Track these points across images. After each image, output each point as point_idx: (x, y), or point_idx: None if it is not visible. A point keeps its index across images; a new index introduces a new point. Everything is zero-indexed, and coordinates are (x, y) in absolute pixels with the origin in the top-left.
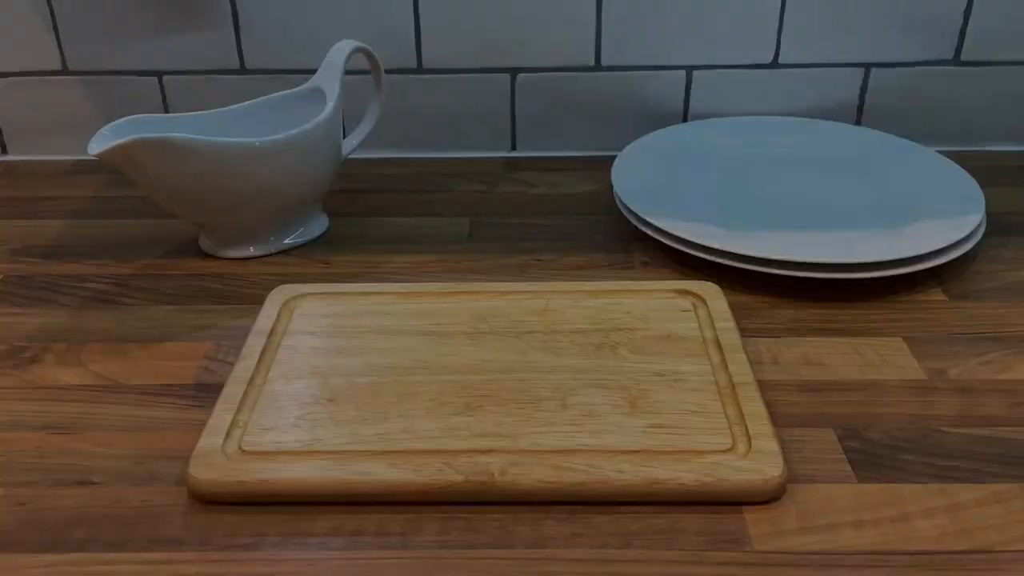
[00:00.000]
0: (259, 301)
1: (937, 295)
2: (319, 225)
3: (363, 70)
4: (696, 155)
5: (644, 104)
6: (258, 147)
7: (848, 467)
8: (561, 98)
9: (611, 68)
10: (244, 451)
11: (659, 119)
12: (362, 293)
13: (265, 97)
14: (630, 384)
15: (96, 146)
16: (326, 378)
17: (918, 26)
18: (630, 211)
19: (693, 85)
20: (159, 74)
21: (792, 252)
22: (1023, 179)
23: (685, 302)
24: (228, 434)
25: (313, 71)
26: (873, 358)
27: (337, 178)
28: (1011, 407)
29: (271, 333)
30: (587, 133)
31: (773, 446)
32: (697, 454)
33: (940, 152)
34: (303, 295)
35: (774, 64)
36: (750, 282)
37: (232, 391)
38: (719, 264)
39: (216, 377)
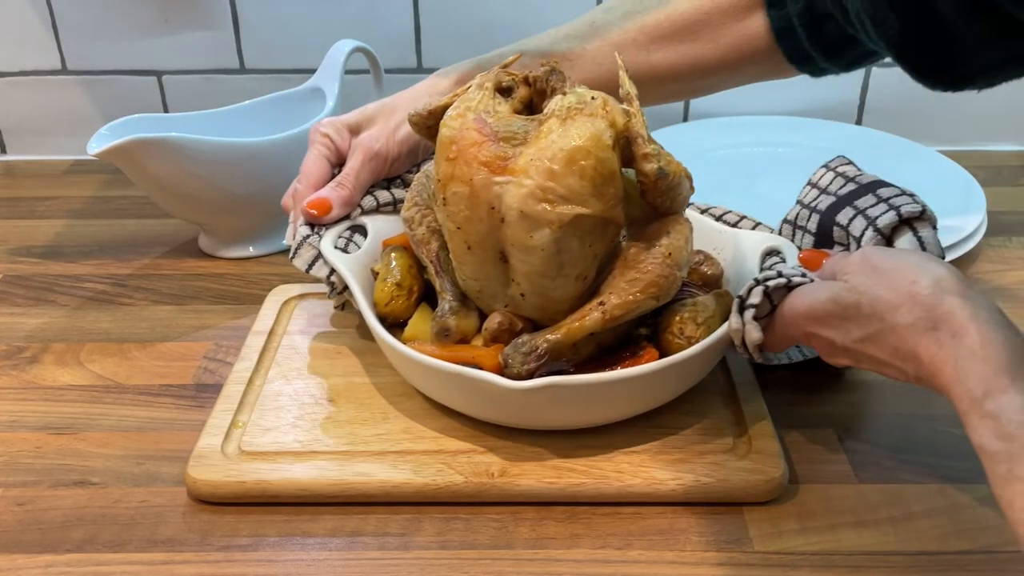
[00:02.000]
0: (258, 301)
1: None
2: None
3: (363, 70)
4: (696, 155)
5: (644, 104)
6: (257, 147)
7: (848, 467)
8: None
9: None
10: (244, 451)
11: (659, 119)
12: None
13: (265, 97)
14: None
15: (95, 146)
16: (326, 378)
17: None
18: None
19: None
20: (159, 74)
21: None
22: (1023, 179)
23: None
24: (227, 434)
25: (313, 71)
26: None
27: None
28: None
29: (270, 333)
30: None
31: (773, 446)
32: (697, 454)
33: (940, 152)
34: (302, 295)
35: None
36: None
37: (231, 391)
38: None
39: (215, 377)
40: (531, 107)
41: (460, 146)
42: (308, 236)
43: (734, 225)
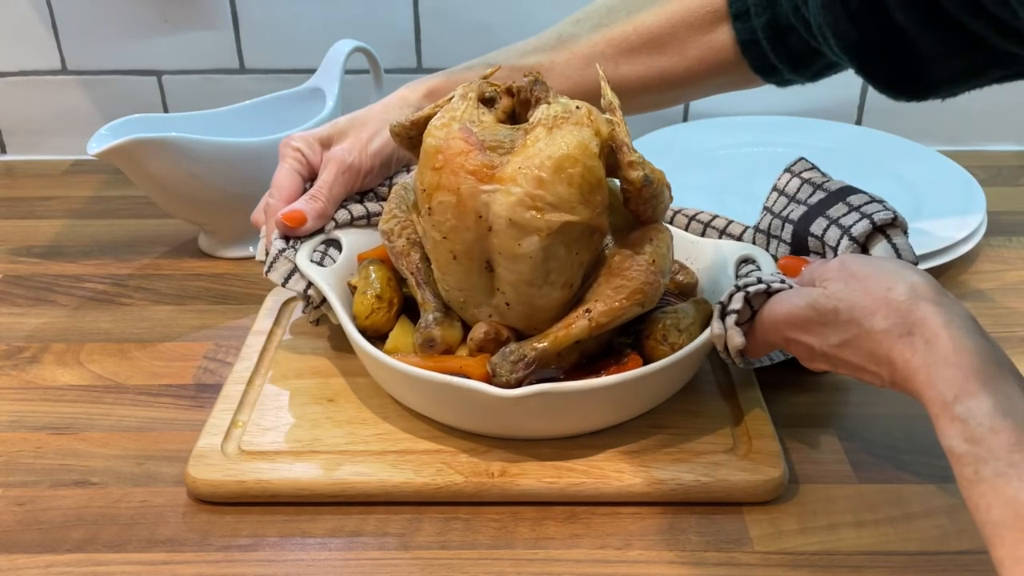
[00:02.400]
0: (258, 301)
1: None
2: None
3: (363, 70)
4: (696, 155)
5: None
6: (257, 147)
7: (848, 467)
8: None
9: None
10: (243, 451)
11: (659, 119)
12: None
13: (265, 97)
14: None
15: (95, 146)
16: (326, 378)
17: None
18: None
19: None
20: (159, 74)
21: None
22: (1023, 179)
23: None
24: (227, 434)
25: (313, 71)
26: None
27: None
28: None
29: (270, 333)
30: None
31: (773, 446)
32: (697, 454)
33: (940, 152)
34: None
35: None
36: None
37: (231, 391)
38: None
39: (215, 377)
40: (514, 117)
41: (446, 155)
42: (284, 250)
43: (708, 224)
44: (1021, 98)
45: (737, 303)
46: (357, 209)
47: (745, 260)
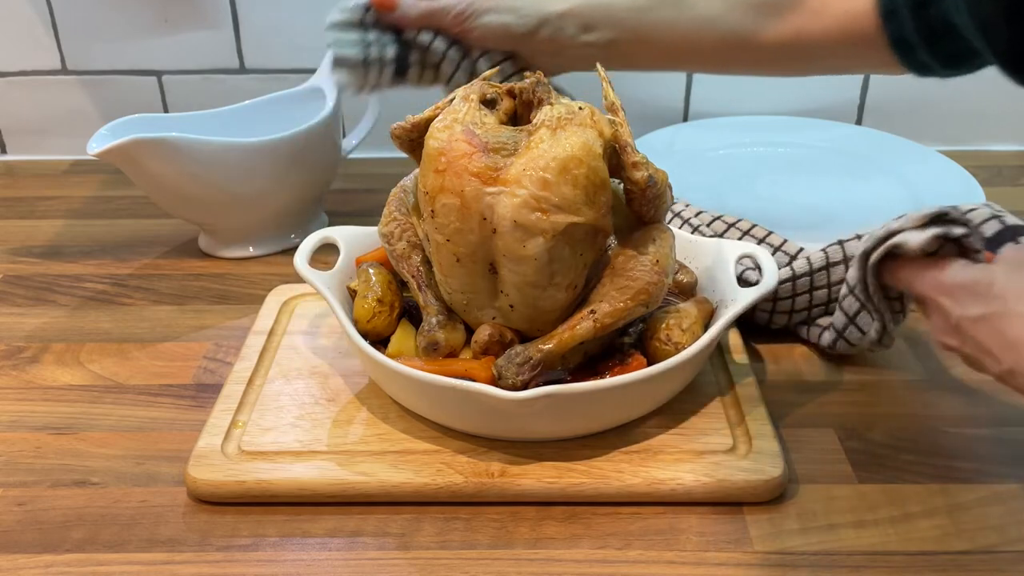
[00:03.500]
0: (258, 301)
1: None
2: (319, 225)
3: None
4: (696, 155)
5: (644, 104)
6: (257, 147)
7: (848, 467)
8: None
9: (611, 67)
10: (244, 451)
11: (659, 119)
12: None
13: (265, 97)
14: None
15: (95, 146)
16: (326, 378)
17: None
18: None
19: (693, 85)
20: (158, 74)
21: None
22: (1023, 179)
23: None
24: (227, 434)
25: (313, 71)
26: (873, 358)
27: (337, 178)
28: (1011, 408)
29: (270, 333)
30: None
31: (774, 446)
32: (697, 454)
33: (940, 152)
34: (302, 295)
35: None
36: None
37: (231, 391)
38: None
39: (215, 377)
40: (515, 119)
41: (449, 157)
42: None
43: (708, 225)
44: (1021, 98)
45: (960, 230)
46: (434, 43)
47: (745, 257)
